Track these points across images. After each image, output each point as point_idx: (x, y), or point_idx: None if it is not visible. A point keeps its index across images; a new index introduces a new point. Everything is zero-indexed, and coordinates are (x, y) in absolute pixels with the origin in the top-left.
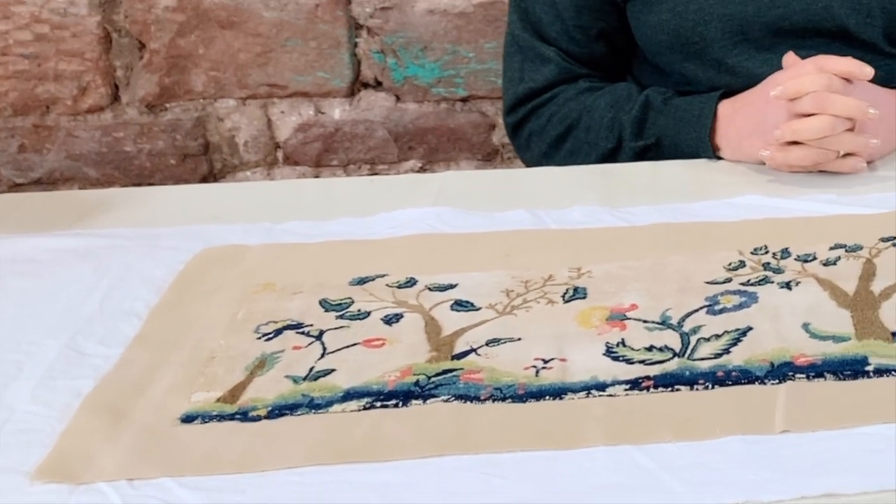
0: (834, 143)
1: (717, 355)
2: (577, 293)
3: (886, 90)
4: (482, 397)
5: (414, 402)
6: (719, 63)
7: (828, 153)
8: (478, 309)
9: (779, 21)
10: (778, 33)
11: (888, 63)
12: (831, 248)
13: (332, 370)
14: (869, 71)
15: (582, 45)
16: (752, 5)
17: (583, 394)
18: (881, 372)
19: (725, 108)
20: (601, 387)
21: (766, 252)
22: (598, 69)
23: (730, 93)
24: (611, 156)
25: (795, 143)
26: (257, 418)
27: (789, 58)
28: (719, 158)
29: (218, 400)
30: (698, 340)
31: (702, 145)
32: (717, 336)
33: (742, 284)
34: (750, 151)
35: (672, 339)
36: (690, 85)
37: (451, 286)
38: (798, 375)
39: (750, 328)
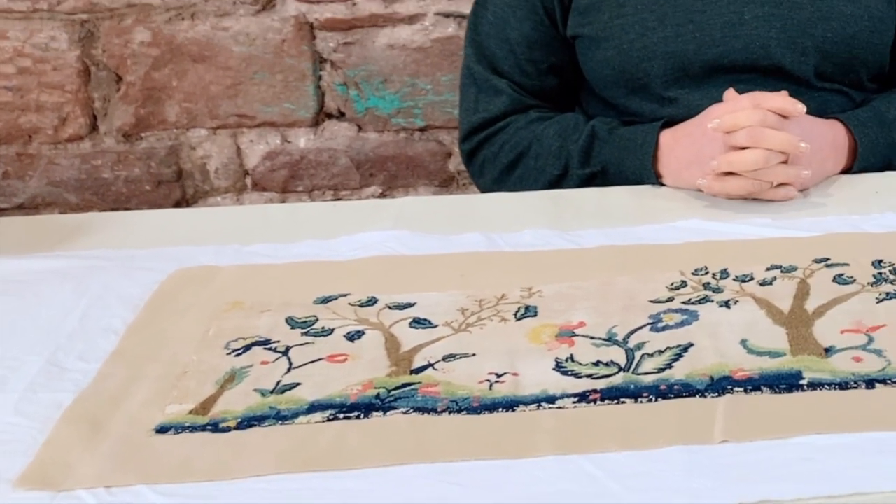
0: (768, 175)
1: (660, 370)
2: (529, 311)
3: (819, 121)
4: (439, 409)
5: (375, 413)
6: (662, 97)
7: (762, 183)
8: (435, 326)
9: (718, 59)
10: (717, 70)
11: (819, 96)
12: (767, 269)
13: (298, 384)
14: (801, 108)
15: (533, 78)
16: (693, 44)
17: (534, 406)
18: (814, 385)
19: (666, 137)
20: (551, 399)
21: (706, 273)
22: (548, 101)
23: (671, 122)
24: (558, 182)
25: (732, 173)
26: (227, 429)
27: (729, 93)
28: (662, 185)
29: (190, 412)
30: (642, 356)
31: (645, 172)
32: (660, 352)
33: (683, 303)
34: (689, 179)
35: (618, 355)
36: (634, 116)
37: (410, 305)
38: (736, 389)
39: (691, 344)
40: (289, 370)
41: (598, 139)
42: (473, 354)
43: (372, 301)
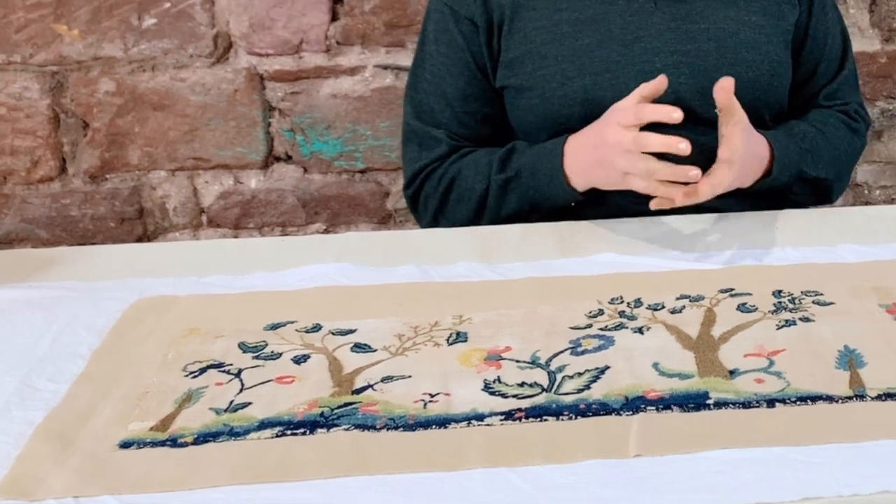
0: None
1: (580, 390)
2: (460, 337)
3: (756, 134)
4: (378, 426)
5: (319, 430)
6: None
7: (659, 186)
8: (374, 350)
9: None
10: None
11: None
12: (677, 299)
13: (249, 403)
14: (678, 114)
15: (469, 128)
16: (610, 91)
17: (464, 423)
18: (720, 405)
19: (571, 144)
20: (480, 417)
21: (622, 302)
22: (483, 146)
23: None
24: (486, 194)
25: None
26: (185, 444)
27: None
28: (571, 187)
29: (151, 429)
30: (563, 377)
31: (555, 173)
32: (580, 374)
33: (601, 329)
34: (596, 179)
35: (541, 377)
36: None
37: (352, 331)
38: (649, 408)
39: (608, 367)
40: (241, 391)
41: (515, 151)
42: (409, 376)
43: (317, 327)
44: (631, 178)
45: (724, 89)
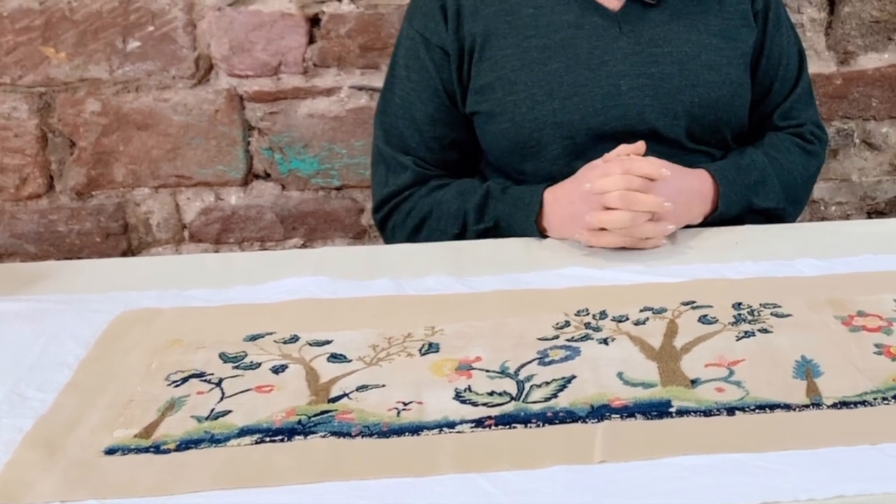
0: (636, 232)
1: (547, 399)
2: (432, 348)
3: (688, 173)
4: (353, 433)
5: (297, 437)
6: (552, 162)
7: (631, 237)
8: (349, 361)
9: (601, 126)
10: (600, 136)
11: (690, 157)
12: (641, 311)
13: (230, 411)
14: (666, 173)
15: (437, 153)
16: (579, 114)
17: (436, 431)
18: (682, 413)
19: (548, 196)
20: (451, 425)
21: (587, 314)
22: (450, 171)
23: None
24: (457, 238)
25: (605, 229)
26: (168, 451)
27: (607, 156)
28: (546, 237)
29: (135, 436)
30: (531, 387)
31: (530, 227)
32: (547, 383)
33: (567, 340)
34: (568, 233)
35: (510, 386)
36: (528, 178)
37: (328, 342)
38: (613, 415)
39: (574, 376)
40: (221, 399)
41: (491, 198)
42: (383, 385)
43: (294, 338)
44: (603, 236)
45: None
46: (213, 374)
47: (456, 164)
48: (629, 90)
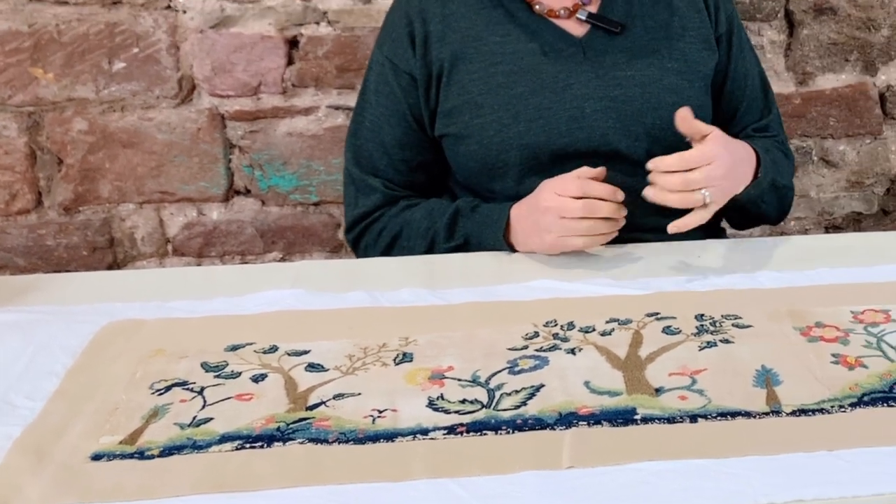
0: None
1: (517, 407)
2: (406, 357)
3: (738, 142)
4: (330, 440)
5: (276, 443)
6: (518, 182)
7: (594, 239)
8: (326, 370)
9: (565, 147)
10: (565, 157)
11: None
12: (607, 322)
13: (211, 418)
14: (620, 195)
15: (405, 175)
16: (544, 136)
17: (410, 437)
18: (647, 420)
19: (515, 212)
20: (424, 432)
21: (556, 325)
22: (417, 192)
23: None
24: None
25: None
26: (152, 457)
27: (572, 174)
28: (515, 251)
29: (120, 442)
30: (501, 395)
31: (498, 243)
32: (517, 391)
33: (536, 350)
34: (535, 245)
35: (481, 394)
36: (496, 196)
37: (306, 352)
38: (581, 423)
39: (542, 385)
40: (203, 407)
41: (461, 216)
42: (359, 394)
43: (273, 349)
44: (567, 240)
45: (684, 119)
46: (195, 382)
47: (423, 186)
48: (593, 112)
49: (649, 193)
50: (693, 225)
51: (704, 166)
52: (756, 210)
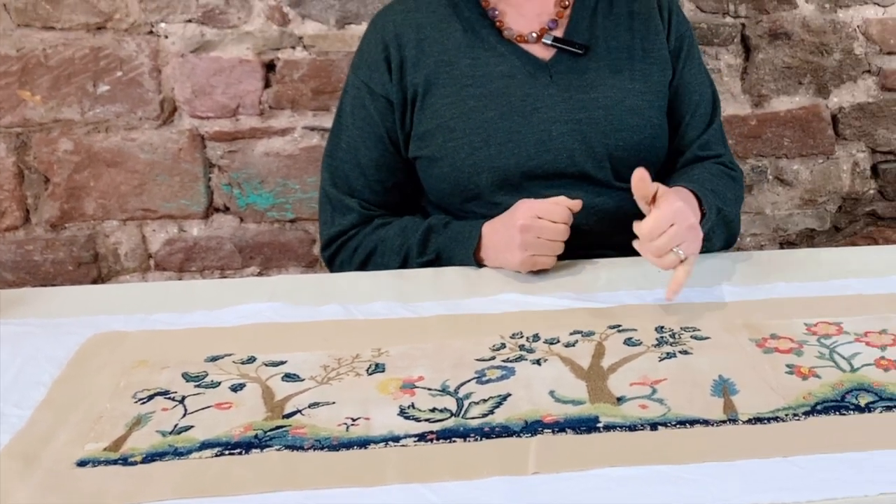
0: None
1: (485, 415)
2: (378, 368)
3: (677, 192)
4: (305, 447)
5: (254, 450)
6: (489, 202)
7: (553, 259)
8: (302, 380)
9: (534, 169)
10: (533, 178)
11: (618, 194)
12: (571, 334)
13: (192, 426)
14: (572, 211)
15: (380, 195)
16: (514, 159)
17: (382, 444)
18: (609, 428)
19: (486, 230)
20: (396, 439)
21: (522, 336)
22: (391, 211)
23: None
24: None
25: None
26: (135, 463)
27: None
28: (483, 266)
29: (105, 449)
30: (470, 404)
31: (468, 260)
32: (485, 400)
33: (503, 361)
34: (504, 262)
35: (450, 403)
36: (468, 215)
37: (283, 362)
38: (546, 430)
39: (509, 394)
40: (184, 415)
41: (433, 232)
42: (333, 402)
43: (251, 359)
44: (536, 259)
45: (641, 180)
46: (176, 392)
47: (398, 205)
48: (559, 135)
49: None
50: (682, 282)
51: (668, 229)
52: (706, 244)
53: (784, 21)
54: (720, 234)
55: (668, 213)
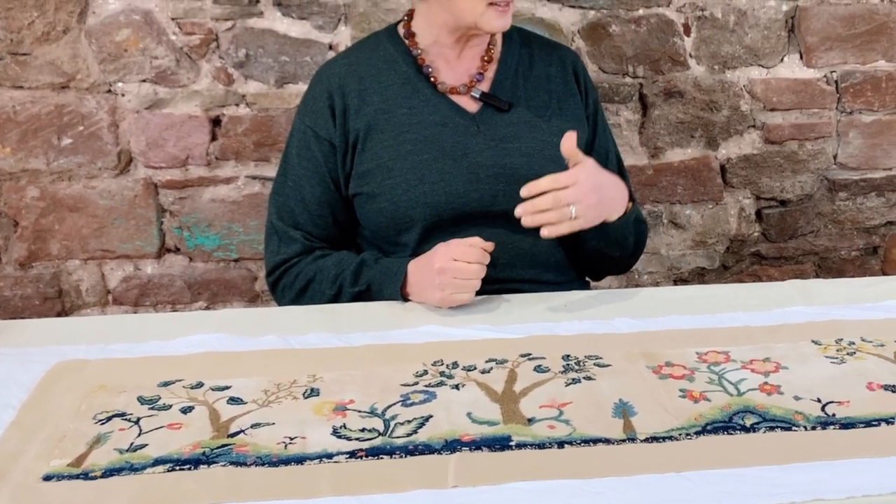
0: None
1: (409, 434)
2: (313, 392)
3: (606, 174)
4: (248, 463)
5: (202, 466)
6: (421, 236)
7: (471, 294)
8: (245, 403)
9: (463, 207)
10: (462, 216)
11: (534, 233)
12: (486, 361)
13: (146, 444)
14: (486, 251)
15: (322, 229)
16: (445, 196)
17: (317, 461)
18: (521, 446)
19: (412, 267)
20: (329, 456)
21: (442, 364)
22: (332, 244)
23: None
24: (335, 298)
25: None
26: (95, 478)
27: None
28: (409, 300)
29: (68, 465)
30: (396, 424)
31: (395, 294)
32: (409, 421)
33: (426, 386)
34: (426, 297)
35: (378, 424)
36: (400, 248)
37: (227, 387)
38: (464, 448)
39: (431, 416)
40: (139, 434)
41: (366, 266)
42: (273, 423)
43: (200, 384)
44: (454, 296)
45: (568, 139)
46: (132, 413)
47: (337, 239)
48: (486, 178)
49: (526, 220)
50: (563, 232)
51: (572, 186)
52: (622, 241)
53: (678, 81)
54: (632, 238)
55: (580, 173)
